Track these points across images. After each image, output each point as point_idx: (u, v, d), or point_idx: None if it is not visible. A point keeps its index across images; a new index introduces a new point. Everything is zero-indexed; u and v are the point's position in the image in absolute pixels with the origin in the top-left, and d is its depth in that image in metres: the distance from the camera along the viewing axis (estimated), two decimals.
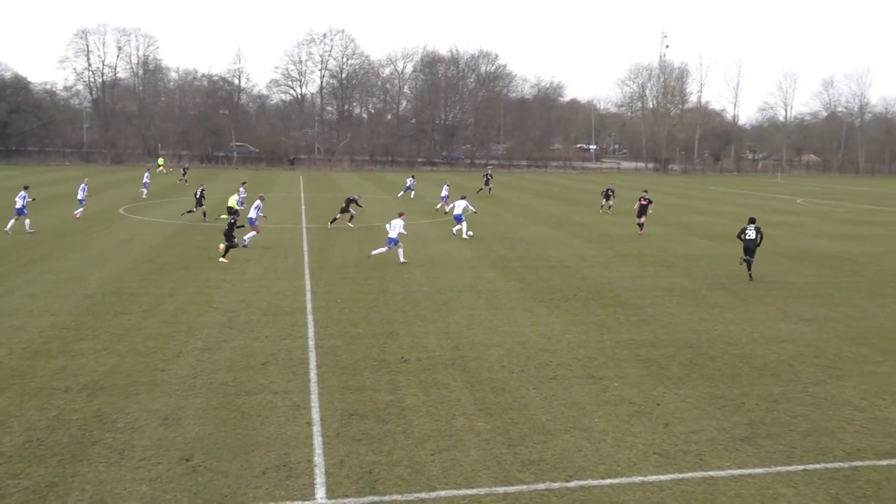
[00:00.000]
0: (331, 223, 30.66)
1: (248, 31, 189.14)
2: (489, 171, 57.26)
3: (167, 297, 16.75)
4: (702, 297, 17.95)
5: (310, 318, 15.19)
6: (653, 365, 12.48)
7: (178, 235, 27.11)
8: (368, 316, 15.44)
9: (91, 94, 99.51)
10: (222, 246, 21.85)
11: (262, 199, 26.57)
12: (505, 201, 46.23)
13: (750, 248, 20.06)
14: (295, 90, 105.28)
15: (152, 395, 10.56)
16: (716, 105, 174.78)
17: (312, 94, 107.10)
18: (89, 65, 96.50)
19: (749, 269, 20.29)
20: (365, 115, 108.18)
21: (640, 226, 30.48)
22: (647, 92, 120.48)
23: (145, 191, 42.34)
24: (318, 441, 9.18)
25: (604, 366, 12.39)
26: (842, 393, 11.30)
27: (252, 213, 25.17)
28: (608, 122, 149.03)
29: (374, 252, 22.11)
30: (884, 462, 8.87)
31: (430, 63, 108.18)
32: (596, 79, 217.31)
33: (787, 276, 21.09)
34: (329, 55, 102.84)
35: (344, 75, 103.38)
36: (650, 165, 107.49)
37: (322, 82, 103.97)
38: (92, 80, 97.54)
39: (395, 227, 21.71)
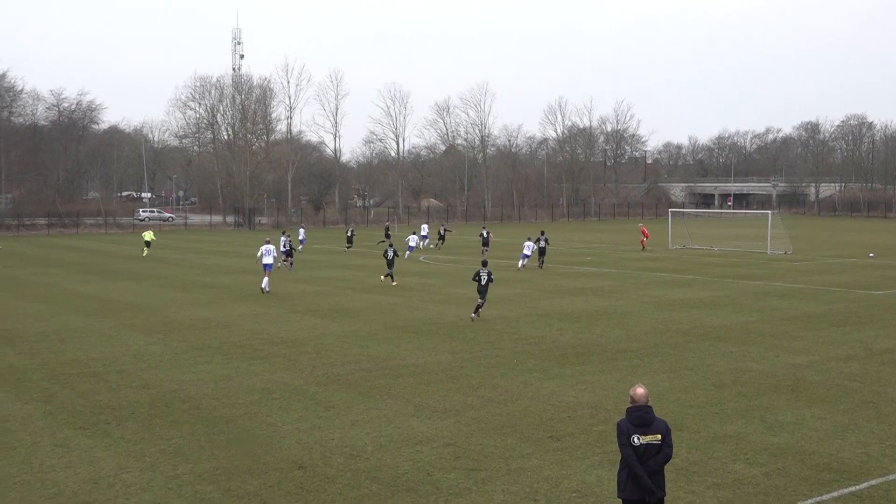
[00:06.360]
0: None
1: None
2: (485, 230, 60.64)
3: None
4: (311, 396, 18.64)
5: None
6: (253, 500, 12.54)
7: None
8: None
9: None
10: None
11: None
12: (14, 280, 43.10)
13: (481, 292, 29.02)
14: None
15: None
16: (312, 136, 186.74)
17: None
18: None
19: (476, 311, 29.11)
20: None
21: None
22: (220, 118, 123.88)
23: None
24: None
25: None
26: (490, 501, 12.58)
27: None
28: (168, 160, 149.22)
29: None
30: None
31: None
32: (147, 98, 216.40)
33: (415, 357, 22.99)
34: None
35: None
36: (230, 219, 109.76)
37: None
38: None
39: (270, 253, 36.68)
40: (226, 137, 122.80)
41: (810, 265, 50.83)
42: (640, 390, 9.82)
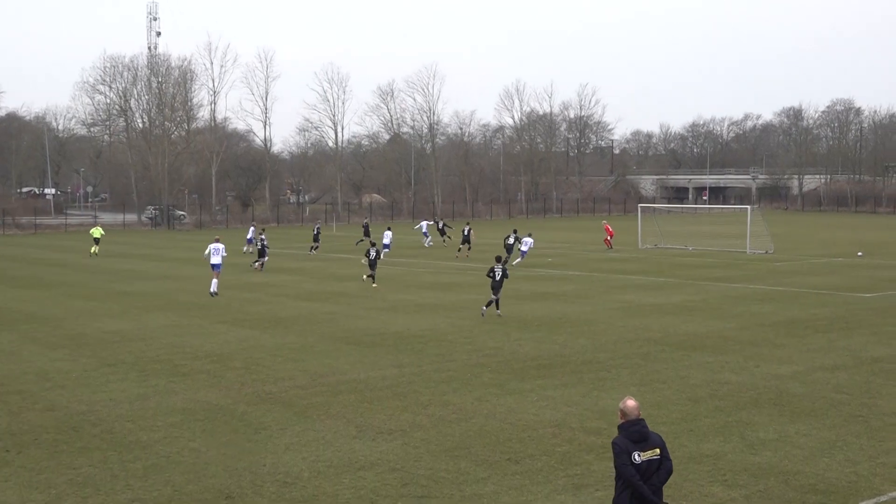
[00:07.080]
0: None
1: None
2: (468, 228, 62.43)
3: None
4: (240, 417, 18.58)
5: None
6: None
7: None
8: None
9: None
10: None
11: None
12: None
13: (495, 288, 31.45)
14: None
15: None
16: (239, 124, 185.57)
17: None
18: None
19: (497, 307, 31.66)
20: None
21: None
22: (134, 103, 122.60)
23: None
24: None
25: None
26: None
27: None
28: (74, 151, 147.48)
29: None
30: None
31: None
32: (50, 81, 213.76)
33: (357, 371, 22.98)
34: None
35: None
36: (147, 216, 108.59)
37: None
38: None
39: (219, 252, 38.59)
40: (141, 125, 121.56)
41: (793, 265, 51.57)
42: (630, 403, 10.04)
